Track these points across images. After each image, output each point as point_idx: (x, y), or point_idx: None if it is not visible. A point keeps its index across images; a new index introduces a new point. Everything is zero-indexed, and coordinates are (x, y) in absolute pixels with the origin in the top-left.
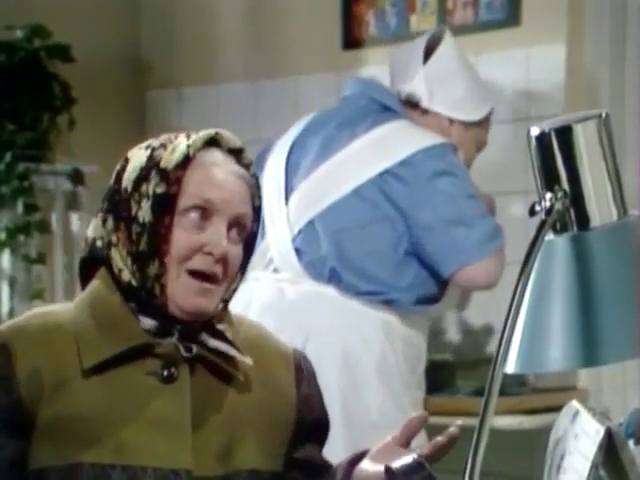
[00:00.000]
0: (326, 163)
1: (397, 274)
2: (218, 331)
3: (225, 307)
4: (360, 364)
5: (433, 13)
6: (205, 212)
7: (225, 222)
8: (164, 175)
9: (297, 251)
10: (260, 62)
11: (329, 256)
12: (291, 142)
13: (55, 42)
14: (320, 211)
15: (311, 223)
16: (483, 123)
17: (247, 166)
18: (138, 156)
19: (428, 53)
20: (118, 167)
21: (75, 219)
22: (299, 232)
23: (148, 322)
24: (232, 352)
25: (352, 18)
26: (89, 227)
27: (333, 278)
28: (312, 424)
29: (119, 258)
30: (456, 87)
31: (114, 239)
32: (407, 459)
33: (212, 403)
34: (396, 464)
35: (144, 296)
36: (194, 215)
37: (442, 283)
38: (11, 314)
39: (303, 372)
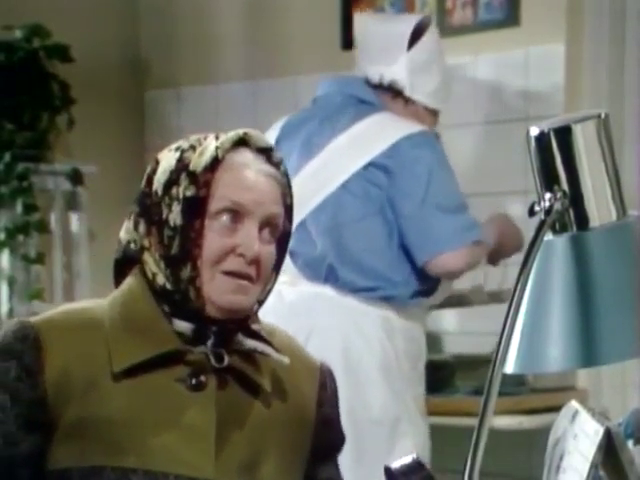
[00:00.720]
0: (310, 163)
1: (393, 268)
2: (254, 331)
3: (258, 309)
4: (361, 362)
5: (432, 13)
6: (236, 214)
7: (256, 223)
8: (193, 178)
9: (291, 254)
10: (259, 62)
11: (326, 254)
12: None
13: (54, 42)
14: (310, 210)
15: (302, 224)
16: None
17: (277, 165)
18: (167, 158)
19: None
20: (148, 170)
21: (74, 219)
22: None
23: (184, 325)
24: (268, 350)
25: (351, 18)
26: (122, 230)
27: (330, 277)
28: (328, 445)
29: (152, 262)
30: (433, 77)
31: (146, 243)
32: (406, 459)
33: (239, 415)
34: (395, 464)
35: (179, 299)
36: (225, 218)
37: None
38: (10, 314)
39: (327, 391)
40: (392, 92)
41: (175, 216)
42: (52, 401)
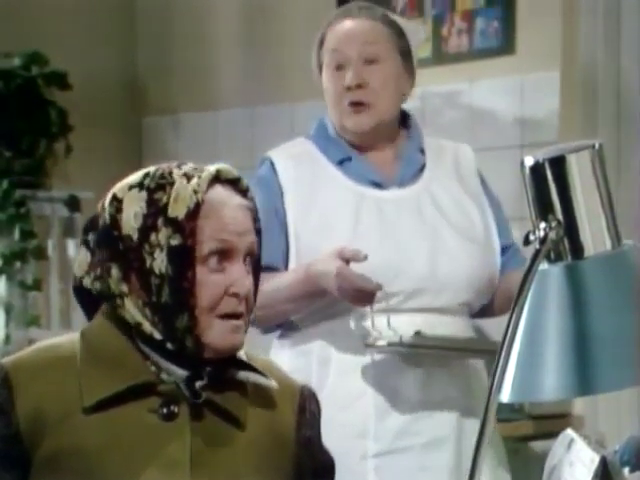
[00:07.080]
0: None
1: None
2: (241, 361)
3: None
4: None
5: (428, 40)
6: (223, 254)
7: (242, 258)
8: (177, 226)
9: None
10: (257, 88)
11: None
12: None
13: (52, 69)
14: None
15: None
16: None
17: (244, 192)
18: (133, 199)
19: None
20: (110, 210)
21: (71, 245)
22: None
23: (180, 372)
24: (260, 380)
25: None
26: (75, 265)
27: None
28: (313, 467)
29: (136, 310)
30: None
31: (125, 289)
32: None
33: (216, 443)
34: None
35: (173, 348)
36: (213, 260)
37: None
38: (7, 341)
39: (306, 414)
40: None
41: (160, 264)
42: (26, 437)
